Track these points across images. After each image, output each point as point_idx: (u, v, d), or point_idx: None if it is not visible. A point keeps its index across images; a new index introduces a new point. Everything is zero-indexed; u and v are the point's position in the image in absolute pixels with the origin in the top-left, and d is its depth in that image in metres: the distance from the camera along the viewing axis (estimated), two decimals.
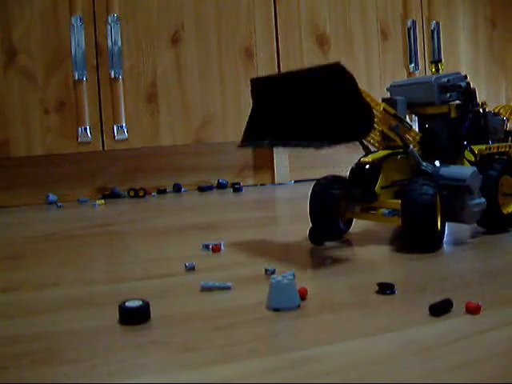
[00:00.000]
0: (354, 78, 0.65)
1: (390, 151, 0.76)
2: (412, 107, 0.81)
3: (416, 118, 0.84)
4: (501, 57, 1.86)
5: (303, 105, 0.68)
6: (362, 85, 0.67)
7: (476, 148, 0.79)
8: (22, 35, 1.34)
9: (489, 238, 0.78)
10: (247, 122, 0.78)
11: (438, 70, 0.85)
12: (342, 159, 1.58)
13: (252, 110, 0.78)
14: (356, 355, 0.41)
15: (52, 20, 1.36)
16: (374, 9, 1.65)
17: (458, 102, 0.79)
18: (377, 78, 1.65)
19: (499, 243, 0.75)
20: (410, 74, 1.68)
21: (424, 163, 0.75)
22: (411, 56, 1.68)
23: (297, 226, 0.94)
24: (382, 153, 0.77)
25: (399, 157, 0.77)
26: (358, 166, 0.77)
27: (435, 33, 1.72)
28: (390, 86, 0.83)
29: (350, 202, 0.79)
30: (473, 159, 0.78)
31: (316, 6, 1.59)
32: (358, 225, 0.86)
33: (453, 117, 0.79)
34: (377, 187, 0.75)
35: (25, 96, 1.35)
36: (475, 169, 0.73)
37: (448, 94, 0.78)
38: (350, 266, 0.66)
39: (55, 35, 1.36)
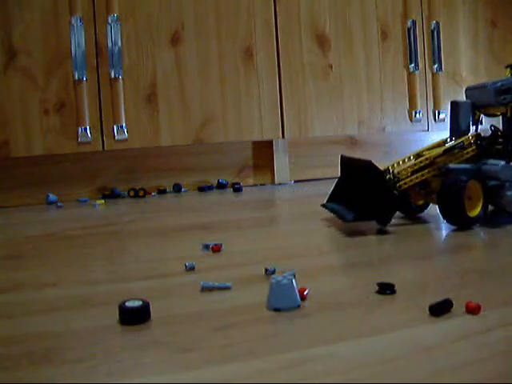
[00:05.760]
0: (383, 174, 0.85)
1: (448, 147, 0.89)
2: (480, 108, 0.94)
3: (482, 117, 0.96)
4: (501, 57, 1.86)
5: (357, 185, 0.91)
6: (362, 85, 0.67)
7: None
8: (22, 35, 1.34)
9: (489, 238, 0.78)
10: (334, 186, 1.01)
11: None
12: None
13: (338, 179, 1.01)
14: (356, 355, 0.41)
15: (52, 20, 1.36)
16: (374, 9, 1.65)
17: None
18: (377, 78, 1.65)
19: (500, 243, 0.75)
20: (409, 74, 1.68)
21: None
22: (411, 56, 1.68)
23: (297, 226, 0.94)
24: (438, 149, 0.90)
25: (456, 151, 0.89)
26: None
27: (435, 33, 1.72)
28: (466, 89, 0.97)
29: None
30: None
31: (316, 6, 1.59)
32: (358, 225, 0.86)
33: (509, 116, 0.88)
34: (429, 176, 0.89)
35: (25, 96, 1.35)
36: (505, 163, 0.83)
37: (502, 97, 0.88)
38: (350, 266, 0.66)
39: (55, 35, 1.36)
